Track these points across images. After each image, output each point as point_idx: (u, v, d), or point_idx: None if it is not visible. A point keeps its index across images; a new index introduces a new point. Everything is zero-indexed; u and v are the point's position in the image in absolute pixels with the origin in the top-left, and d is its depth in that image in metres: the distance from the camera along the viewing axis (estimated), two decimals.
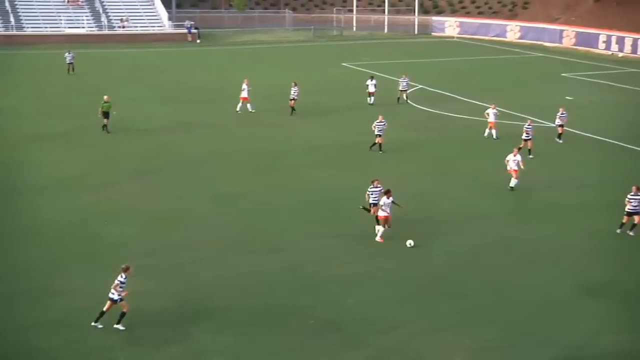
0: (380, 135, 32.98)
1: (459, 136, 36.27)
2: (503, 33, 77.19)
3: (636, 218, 23.58)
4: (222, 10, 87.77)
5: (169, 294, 19.43)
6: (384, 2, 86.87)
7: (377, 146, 33.01)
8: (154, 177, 29.56)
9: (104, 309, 17.72)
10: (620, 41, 65.57)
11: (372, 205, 23.97)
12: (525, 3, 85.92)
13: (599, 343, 17.28)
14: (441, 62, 60.72)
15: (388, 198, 23.15)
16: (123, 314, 17.70)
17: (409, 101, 43.88)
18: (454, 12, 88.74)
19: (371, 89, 43.29)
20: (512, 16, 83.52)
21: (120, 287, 17.63)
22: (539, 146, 33.81)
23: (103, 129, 36.43)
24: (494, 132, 35.62)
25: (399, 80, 44.48)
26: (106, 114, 36.58)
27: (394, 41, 77.68)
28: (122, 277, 17.70)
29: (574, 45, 70.04)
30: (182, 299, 19.28)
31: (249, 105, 41.43)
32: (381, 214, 23.18)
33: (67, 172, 29.90)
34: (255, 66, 59.07)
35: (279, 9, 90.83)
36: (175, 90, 48.42)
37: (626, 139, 35.35)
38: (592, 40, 68.45)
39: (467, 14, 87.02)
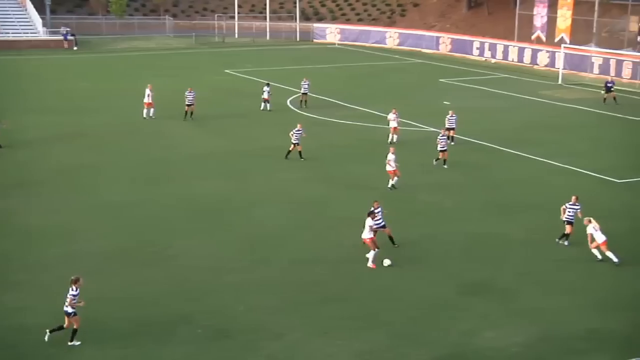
0: (298, 144, 32.92)
1: (343, 142, 36.92)
2: (383, 40, 79.03)
3: (568, 228, 23.84)
4: (100, 16, 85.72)
5: (51, 309, 18.88)
6: (266, 9, 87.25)
7: (294, 153, 32.83)
8: (31, 190, 28.62)
9: (64, 325, 17.50)
10: (493, 48, 68.50)
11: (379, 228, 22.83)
12: (403, 10, 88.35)
13: (478, 340, 18.03)
14: (324, 69, 61.57)
15: (373, 219, 22.44)
16: (75, 331, 17.52)
17: (291, 106, 44.20)
18: (334, 19, 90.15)
19: (265, 95, 43.56)
20: (391, 23, 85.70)
21: (74, 300, 17.41)
22: (420, 149, 34.90)
23: None
24: (395, 137, 36.23)
25: (301, 84, 44.88)
26: None
27: (277, 48, 78.14)
28: (72, 289, 17.47)
29: (450, 51, 72.56)
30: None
31: (152, 111, 41.43)
32: (367, 235, 22.26)
33: None
34: (136, 74, 58.05)
35: (159, 16, 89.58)
36: (51, 99, 46.99)
37: (500, 142, 36.95)
38: (467, 47, 71.14)
39: (348, 21, 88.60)
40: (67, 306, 17.53)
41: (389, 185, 29.23)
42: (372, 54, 73.03)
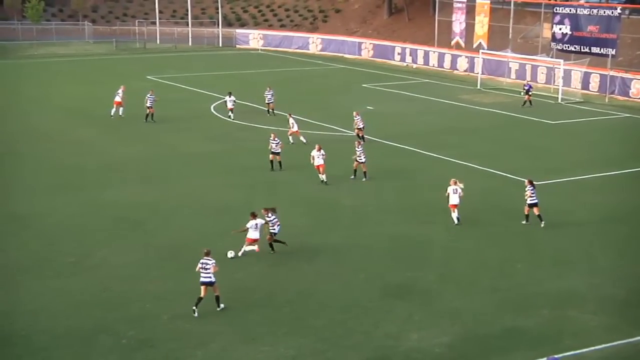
0: (278, 154, 32.55)
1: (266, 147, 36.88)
2: (306, 45, 79.35)
3: (536, 210, 25.97)
4: (14, 21, 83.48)
5: None
6: (187, 14, 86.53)
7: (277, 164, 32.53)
8: None
9: (201, 295, 19.23)
10: (414, 53, 69.55)
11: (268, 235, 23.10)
12: (325, 17, 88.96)
13: (403, 341, 18.28)
14: (247, 75, 61.44)
15: (255, 218, 22.78)
16: (218, 298, 19.53)
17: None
18: (257, 25, 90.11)
19: (229, 105, 43.00)
20: (314, 29, 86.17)
21: (208, 267, 19.33)
22: (341, 151, 35.20)
23: None
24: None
25: (264, 94, 44.22)
26: None
27: (199, 54, 77.61)
28: (210, 259, 19.46)
29: (372, 57, 73.35)
30: None
31: (121, 110, 42.37)
32: (252, 235, 22.76)
33: None
34: (54, 81, 56.78)
35: (78, 21, 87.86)
36: None
37: (419, 144, 37.57)
38: (389, 53, 72.04)
39: (270, 27, 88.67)
40: (209, 275, 19.31)
41: (321, 181, 29.81)
42: (295, 59, 73.28)
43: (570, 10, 56.10)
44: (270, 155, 32.79)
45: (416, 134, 40.07)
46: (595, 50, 53.71)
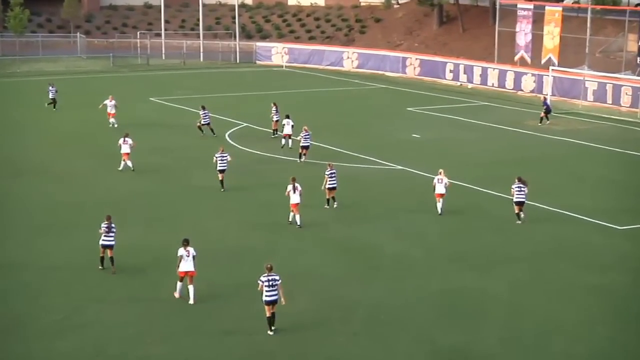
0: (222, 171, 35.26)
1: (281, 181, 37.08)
2: (339, 61, 79.95)
3: (517, 208, 31.39)
4: None
5: None
6: (199, 25, 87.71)
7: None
8: None
9: (268, 315, 21.91)
10: (469, 70, 69.75)
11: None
12: (363, 27, 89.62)
13: None
14: (269, 96, 61.88)
15: (185, 249, 24.04)
16: (273, 315, 22.06)
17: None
18: (281, 37, 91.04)
19: (287, 130, 43.47)
20: (349, 42, 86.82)
21: (273, 286, 21.92)
22: (380, 187, 35.28)
23: None
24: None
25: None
26: None
27: (212, 71, 78.52)
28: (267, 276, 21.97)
29: (419, 75, 73.69)
30: None
31: (113, 120, 46.99)
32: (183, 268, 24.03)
33: None
34: (40, 103, 57.74)
35: (69, 33, 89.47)
36: None
37: (477, 181, 37.50)
38: (439, 70, 72.34)
39: (297, 40, 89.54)
40: (275, 293, 21.95)
41: (289, 222, 30.91)
42: (326, 78, 73.82)
43: None
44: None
45: (471, 167, 40.05)
46: None
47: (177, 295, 24.24)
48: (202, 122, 46.17)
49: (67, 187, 36.26)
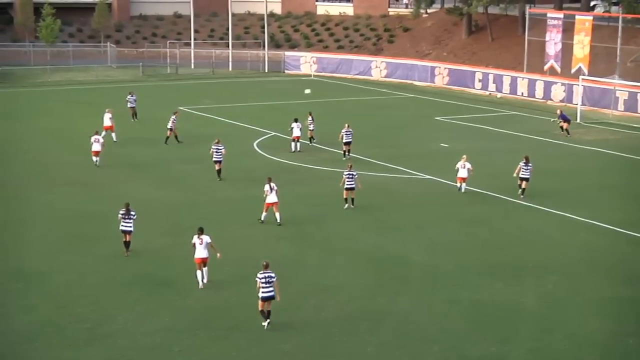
0: (219, 162, 38.13)
1: (314, 192, 37.01)
2: (367, 70, 79.87)
3: (524, 183, 35.43)
4: (26, 43, 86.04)
5: None
6: (228, 34, 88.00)
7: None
8: None
9: (261, 309, 22.63)
10: (498, 80, 69.39)
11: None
12: (391, 36, 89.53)
13: None
14: (297, 105, 61.88)
15: (199, 237, 25.59)
16: (269, 312, 22.68)
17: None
18: (309, 47, 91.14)
19: (296, 132, 44.96)
20: (377, 51, 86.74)
21: (269, 283, 22.56)
22: (407, 197, 35.03)
23: None
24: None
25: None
26: None
27: (241, 80, 78.69)
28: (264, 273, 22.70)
29: (448, 84, 73.43)
30: None
31: (113, 135, 46.59)
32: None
33: None
34: (70, 112, 58.13)
35: (99, 43, 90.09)
36: None
37: (506, 191, 37.20)
38: (467, 79, 72.05)
39: (326, 49, 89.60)
40: (265, 292, 22.58)
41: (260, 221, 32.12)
42: (355, 87, 73.75)
43: None
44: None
45: (501, 178, 39.66)
46: None
47: (201, 285, 25.55)
48: (169, 127, 46.51)
49: (92, 196, 36.36)
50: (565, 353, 21.68)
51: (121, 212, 28.29)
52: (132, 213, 28.21)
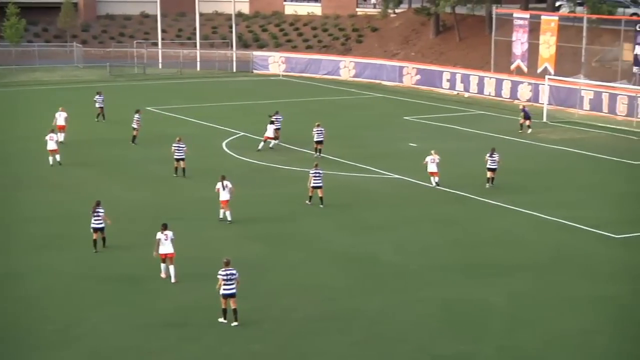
0: (182, 159, 39.04)
1: (284, 193, 37.01)
2: (336, 70, 79.90)
3: (490, 173, 37.30)
4: None
5: None
6: (195, 34, 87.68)
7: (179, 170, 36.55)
8: None
9: (224, 307, 22.86)
10: (465, 79, 69.70)
11: None
12: (360, 36, 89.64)
13: None
14: (266, 105, 61.78)
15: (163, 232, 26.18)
16: (235, 311, 22.89)
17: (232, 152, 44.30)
18: (278, 47, 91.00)
19: (269, 133, 45.37)
20: (346, 51, 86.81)
21: (231, 280, 22.81)
22: (378, 196, 35.11)
23: None
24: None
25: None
26: None
27: (209, 80, 78.44)
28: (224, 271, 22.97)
29: (416, 84, 73.62)
30: None
31: (62, 135, 45.81)
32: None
33: None
34: (36, 113, 57.59)
35: (65, 42, 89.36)
36: None
37: (475, 190, 37.42)
38: (435, 79, 72.30)
39: (294, 49, 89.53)
40: (226, 289, 22.80)
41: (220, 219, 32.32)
42: (323, 87, 73.76)
43: None
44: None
45: (470, 177, 39.93)
46: None
47: (163, 275, 26.24)
48: (134, 126, 46.71)
49: (62, 197, 36.12)
50: (534, 351, 21.85)
51: (92, 211, 28.90)
52: (100, 210, 28.81)
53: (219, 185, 32.10)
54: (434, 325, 23.39)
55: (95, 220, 28.76)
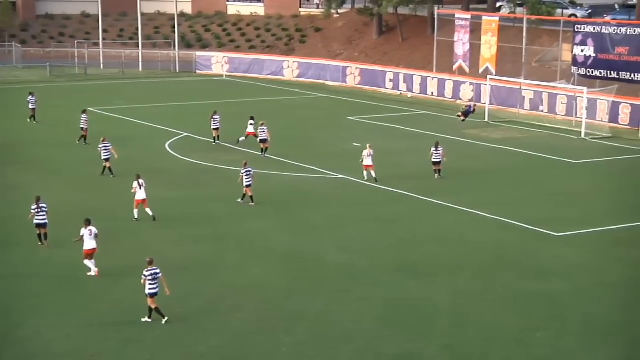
0: (107, 160, 38.99)
1: (228, 193, 36.92)
2: (279, 71, 79.85)
3: (436, 166, 39.12)
4: None
5: None
6: (137, 34, 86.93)
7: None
8: None
9: (151, 305, 22.85)
10: (408, 79, 70.16)
11: None
12: (303, 37, 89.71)
13: None
14: (209, 106, 61.52)
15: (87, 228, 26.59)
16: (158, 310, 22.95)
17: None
18: (221, 47, 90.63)
19: (250, 129, 45.75)
20: (289, 51, 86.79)
21: (155, 279, 22.94)
22: (321, 197, 35.22)
23: None
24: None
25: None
26: None
27: (151, 81, 77.87)
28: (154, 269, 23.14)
29: (359, 84, 73.90)
30: None
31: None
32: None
33: None
34: None
35: (4, 42, 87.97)
36: None
37: (419, 189, 37.69)
38: (379, 79, 72.65)
39: (237, 49, 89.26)
40: (151, 288, 22.95)
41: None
42: (267, 87, 73.70)
43: (594, 29, 56.96)
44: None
45: (413, 177, 40.24)
46: (624, 75, 54.43)
47: (93, 273, 26.47)
48: (82, 126, 46.54)
49: (2, 199, 35.60)
50: (477, 348, 22.08)
51: (33, 207, 29.03)
52: (44, 205, 29.10)
53: (135, 184, 32.18)
54: (378, 324, 23.51)
55: (39, 216, 28.92)
